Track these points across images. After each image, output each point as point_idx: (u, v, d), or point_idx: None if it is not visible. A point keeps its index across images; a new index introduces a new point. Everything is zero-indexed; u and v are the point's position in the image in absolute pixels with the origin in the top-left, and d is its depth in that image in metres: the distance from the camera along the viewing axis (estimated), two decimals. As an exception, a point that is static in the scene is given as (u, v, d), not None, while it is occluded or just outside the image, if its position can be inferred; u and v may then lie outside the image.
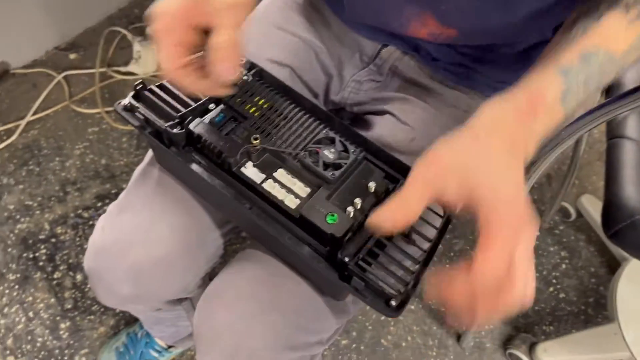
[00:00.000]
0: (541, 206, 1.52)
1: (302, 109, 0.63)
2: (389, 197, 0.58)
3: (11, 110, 1.57)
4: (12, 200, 1.41)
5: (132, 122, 0.61)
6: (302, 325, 0.61)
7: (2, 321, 1.24)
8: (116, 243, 0.66)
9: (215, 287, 0.64)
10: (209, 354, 0.61)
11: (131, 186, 0.69)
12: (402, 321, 1.32)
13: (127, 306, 0.74)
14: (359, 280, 0.52)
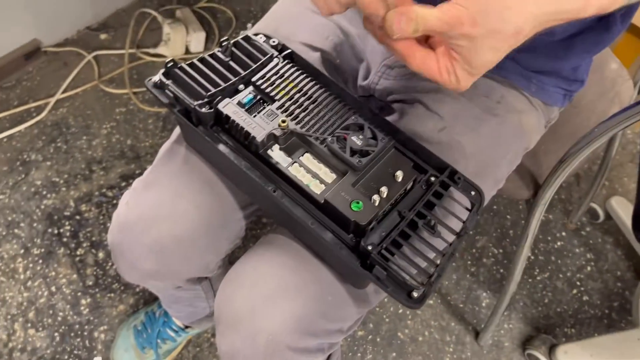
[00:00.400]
0: (568, 206, 1.49)
1: (332, 94, 0.62)
2: (416, 187, 0.57)
3: (41, 88, 1.59)
4: (39, 176, 1.43)
5: (161, 99, 0.60)
6: (323, 312, 0.60)
7: (25, 294, 1.27)
8: (140, 219, 0.66)
9: (237, 270, 0.64)
10: (228, 336, 0.61)
11: (157, 163, 0.69)
12: (420, 315, 1.30)
13: (148, 282, 0.74)
14: (381, 269, 0.51)
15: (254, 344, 0.59)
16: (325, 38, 0.72)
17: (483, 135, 0.66)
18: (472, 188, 0.57)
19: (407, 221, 0.55)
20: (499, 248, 1.41)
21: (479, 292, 1.35)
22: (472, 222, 0.56)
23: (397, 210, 0.56)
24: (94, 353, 1.21)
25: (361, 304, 0.64)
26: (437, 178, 0.58)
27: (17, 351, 1.20)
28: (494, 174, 0.69)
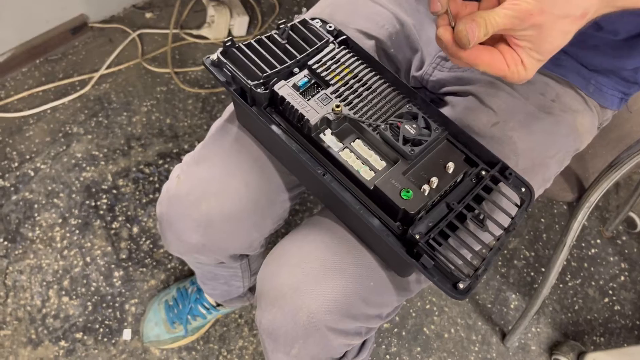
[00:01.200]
0: (605, 214, 1.46)
1: (386, 82, 0.62)
2: (466, 181, 0.57)
3: (86, 62, 1.62)
4: (80, 149, 1.46)
5: (218, 77, 0.61)
6: (364, 296, 0.61)
7: (61, 262, 1.30)
8: (190, 192, 0.67)
9: (282, 248, 0.65)
10: (269, 312, 0.62)
11: (209, 139, 0.70)
12: (447, 312, 1.30)
13: (192, 256, 0.76)
14: (428, 258, 0.51)
15: (294, 321, 0.60)
16: (380, 27, 0.72)
17: (536, 133, 0.65)
18: (522, 184, 0.57)
19: (456, 213, 0.55)
20: (531, 251, 1.40)
21: (508, 294, 1.33)
22: (520, 218, 0.55)
23: (446, 202, 0.56)
24: (124, 325, 1.24)
25: (402, 291, 0.64)
26: (488, 172, 0.57)
27: (50, 317, 1.23)
28: (542, 173, 0.68)
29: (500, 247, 0.54)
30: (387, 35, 0.72)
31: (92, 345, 1.21)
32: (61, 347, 1.20)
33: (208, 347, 1.23)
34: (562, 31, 0.44)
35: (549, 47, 0.44)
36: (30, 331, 1.22)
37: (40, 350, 1.20)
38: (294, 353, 0.62)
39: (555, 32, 0.43)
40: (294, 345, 0.62)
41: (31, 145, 1.46)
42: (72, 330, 1.22)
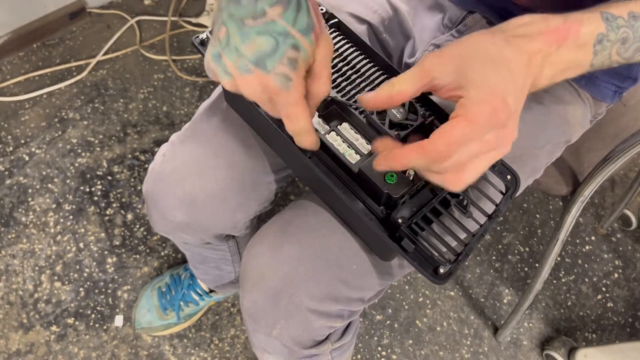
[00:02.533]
0: (601, 211, 1.46)
1: (375, 66, 0.62)
2: None
3: (83, 48, 1.61)
4: (75, 135, 1.46)
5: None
6: (346, 279, 0.61)
7: (54, 248, 1.30)
8: (174, 171, 0.68)
9: (265, 230, 0.65)
10: (251, 293, 0.63)
11: (196, 119, 0.70)
12: (440, 306, 1.30)
13: (177, 235, 0.76)
14: (409, 242, 0.51)
15: (275, 303, 0.61)
16: (373, 11, 0.71)
17: (525, 122, 0.65)
18: (508, 172, 0.56)
19: (440, 199, 0.54)
20: (526, 246, 1.39)
21: (501, 289, 1.33)
22: (504, 205, 0.55)
23: (430, 187, 0.55)
24: (116, 311, 1.24)
25: (385, 275, 0.64)
26: None
27: (42, 302, 1.23)
28: (531, 163, 0.68)
29: (483, 233, 0.53)
30: (379, 20, 0.71)
31: (83, 330, 1.21)
32: (52, 332, 1.20)
33: (200, 335, 1.22)
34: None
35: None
36: (22, 315, 1.22)
37: (31, 334, 1.20)
38: (275, 334, 0.63)
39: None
40: (275, 326, 0.62)
41: (26, 130, 1.45)
42: (64, 315, 1.22)
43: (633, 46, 0.47)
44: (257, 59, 0.42)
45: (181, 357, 1.19)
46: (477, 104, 0.41)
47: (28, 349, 1.18)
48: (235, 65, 0.43)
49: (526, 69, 0.43)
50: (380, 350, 1.24)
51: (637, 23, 0.47)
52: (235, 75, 0.43)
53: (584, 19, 0.46)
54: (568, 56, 0.45)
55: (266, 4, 0.41)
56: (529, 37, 0.44)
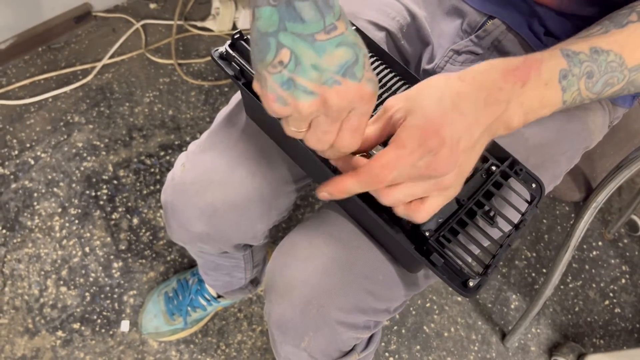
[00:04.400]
0: (607, 216, 1.46)
1: (394, 74, 0.61)
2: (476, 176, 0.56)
3: (89, 52, 1.61)
4: (81, 139, 1.45)
5: (227, 70, 0.60)
6: (373, 290, 0.61)
7: (60, 252, 1.29)
8: (195, 181, 0.67)
9: (291, 240, 0.64)
10: (279, 305, 0.62)
11: (215, 128, 0.69)
12: (447, 311, 1.29)
13: (196, 245, 0.76)
14: (438, 256, 0.51)
15: (304, 314, 0.60)
16: (391, 18, 0.71)
17: (547, 129, 0.65)
18: (532, 180, 0.56)
19: (466, 209, 0.54)
20: (533, 252, 1.39)
21: (508, 294, 1.33)
22: (530, 214, 0.54)
23: (456, 198, 0.55)
24: (122, 316, 1.23)
25: (410, 286, 0.64)
26: (498, 168, 0.56)
27: (47, 307, 1.23)
28: (553, 169, 0.67)
29: (510, 243, 0.53)
30: (397, 27, 0.71)
31: (89, 336, 1.20)
32: (58, 337, 1.19)
33: (206, 340, 1.22)
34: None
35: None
36: (28, 320, 1.21)
37: (37, 340, 1.19)
38: (304, 346, 0.62)
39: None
40: (304, 338, 0.61)
41: (32, 134, 1.45)
42: (70, 320, 1.21)
43: (601, 80, 0.48)
44: (343, 70, 0.40)
45: (188, 363, 1.19)
46: (407, 129, 0.42)
47: (34, 354, 1.17)
48: (319, 81, 0.40)
49: (483, 107, 0.44)
50: (388, 356, 1.23)
51: (600, 57, 0.48)
52: (322, 91, 0.40)
53: (544, 57, 0.47)
54: (536, 94, 0.46)
55: (334, 18, 0.40)
56: (489, 77, 0.45)
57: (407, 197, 0.45)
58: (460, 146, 0.43)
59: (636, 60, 0.49)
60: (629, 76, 0.49)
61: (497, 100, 0.45)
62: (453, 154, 0.43)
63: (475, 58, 0.71)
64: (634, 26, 0.49)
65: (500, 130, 0.47)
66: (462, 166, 0.44)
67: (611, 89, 0.50)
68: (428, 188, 0.44)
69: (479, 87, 0.44)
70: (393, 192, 0.44)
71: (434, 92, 0.44)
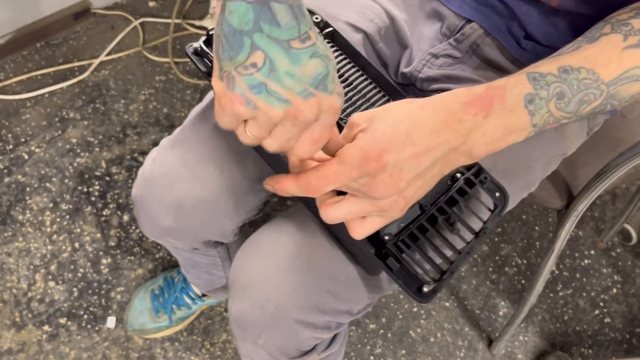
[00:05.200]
0: (601, 225, 1.44)
1: (367, 78, 0.61)
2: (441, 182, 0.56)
3: (87, 48, 1.62)
4: (75, 134, 1.46)
5: (199, 66, 0.60)
6: (333, 291, 0.61)
7: (49, 247, 1.30)
8: (164, 176, 0.68)
9: (255, 238, 0.65)
10: (239, 301, 0.63)
11: (187, 124, 0.70)
12: (435, 316, 1.29)
13: (166, 239, 0.76)
14: (394, 261, 0.50)
15: (262, 312, 0.60)
16: (369, 20, 0.70)
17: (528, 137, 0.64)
18: (497, 189, 0.55)
19: (427, 215, 0.53)
20: (523, 259, 1.38)
21: (497, 301, 1.32)
22: (492, 223, 0.54)
23: (419, 203, 0.55)
24: (109, 312, 1.23)
25: (373, 289, 0.64)
26: (463, 175, 0.56)
27: (35, 301, 1.23)
28: (525, 176, 0.67)
29: (470, 251, 0.53)
30: (375, 29, 0.71)
31: (75, 331, 1.21)
32: (45, 331, 1.20)
33: (192, 339, 1.22)
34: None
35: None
36: (15, 314, 1.22)
37: (23, 333, 1.20)
38: (261, 343, 0.62)
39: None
40: (261, 335, 0.62)
41: (27, 129, 1.46)
42: (57, 315, 1.22)
43: (574, 99, 0.47)
44: (316, 82, 0.40)
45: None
46: (353, 147, 0.42)
47: (20, 348, 1.18)
48: (294, 91, 0.39)
49: (438, 138, 0.43)
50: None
51: (570, 76, 0.47)
52: (296, 102, 0.39)
53: (508, 84, 0.46)
54: (501, 122, 0.45)
55: (307, 27, 0.39)
56: (450, 108, 0.44)
57: (347, 215, 0.45)
58: (402, 174, 0.43)
59: (612, 74, 0.47)
60: (607, 91, 0.47)
61: (455, 131, 0.44)
62: (392, 181, 0.42)
63: (453, 62, 0.71)
64: (606, 39, 0.48)
65: (461, 160, 0.46)
66: (405, 193, 0.44)
67: (589, 106, 0.48)
68: (367, 208, 0.44)
69: (437, 117, 0.44)
70: (333, 210, 0.44)
71: (392, 117, 0.43)
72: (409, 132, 0.43)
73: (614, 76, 0.47)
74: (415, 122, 0.43)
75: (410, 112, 0.44)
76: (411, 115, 0.43)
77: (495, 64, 0.69)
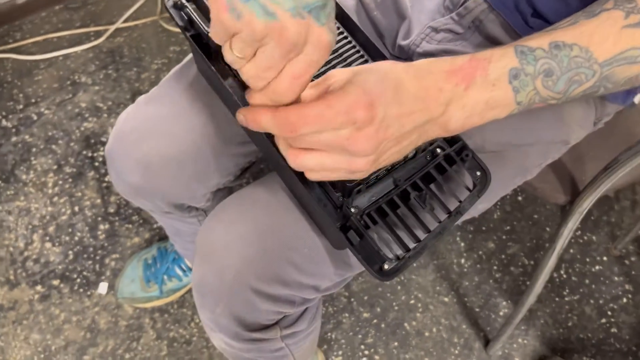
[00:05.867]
0: (617, 231, 1.37)
1: (354, 42, 0.57)
2: (419, 157, 0.52)
3: (104, 14, 1.61)
4: (85, 99, 1.45)
5: (176, 20, 0.57)
6: (297, 262, 0.58)
7: (49, 208, 1.30)
8: (133, 132, 0.66)
9: (222, 205, 0.63)
10: (201, 267, 0.61)
11: (164, 81, 0.68)
12: (432, 311, 1.24)
13: (137, 199, 0.75)
14: (355, 234, 0.47)
15: (221, 278, 0.58)
16: None
17: (508, 117, 0.60)
18: (479, 168, 0.51)
19: (399, 190, 0.50)
20: (531, 259, 1.32)
21: (498, 300, 1.27)
22: (469, 203, 0.50)
23: (393, 178, 0.51)
24: (102, 278, 1.23)
25: (341, 265, 0.60)
26: (444, 150, 0.52)
27: (30, 261, 1.23)
28: (519, 161, 0.62)
29: (441, 231, 0.49)
30: None
31: (67, 294, 1.20)
32: (37, 291, 1.20)
33: (181, 311, 1.21)
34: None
35: None
36: (9, 272, 1.22)
37: (16, 292, 1.20)
38: (218, 311, 0.60)
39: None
40: (219, 303, 0.59)
41: (38, 90, 1.46)
42: (50, 276, 1.22)
43: (563, 78, 0.43)
44: (309, 7, 0.37)
45: (160, 332, 1.18)
46: (341, 92, 0.39)
47: (11, 306, 1.18)
48: (284, 6, 0.36)
49: (420, 104, 0.41)
50: (364, 349, 1.19)
51: (561, 53, 0.43)
52: (282, 16, 0.36)
53: (493, 56, 0.43)
54: (481, 96, 0.42)
55: None
56: (432, 75, 0.42)
57: (316, 167, 0.41)
58: (388, 132, 0.40)
59: (607, 53, 0.43)
60: (600, 71, 0.43)
61: (435, 100, 0.41)
62: (377, 136, 0.39)
63: (454, 37, 0.66)
64: (606, 14, 0.43)
65: (436, 132, 0.43)
66: (379, 155, 0.41)
67: (580, 87, 0.44)
68: (340, 164, 0.41)
69: (420, 83, 0.41)
70: (303, 156, 0.41)
71: (379, 73, 0.41)
72: (396, 90, 0.40)
73: (609, 56, 0.43)
74: (401, 82, 0.41)
75: (395, 71, 0.41)
76: (397, 75, 0.41)
77: (499, 42, 0.64)
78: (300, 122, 0.39)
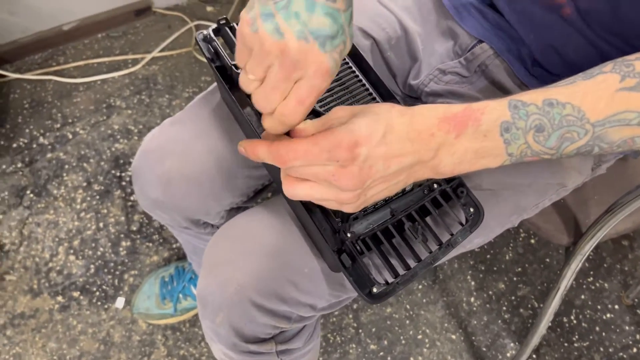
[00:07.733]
0: (630, 280, 1.37)
1: (365, 82, 0.62)
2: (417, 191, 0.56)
3: (142, 43, 1.70)
4: (118, 121, 1.53)
5: (204, 52, 0.63)
6: (296, 281, 0.61)
7: (76, 223, 1.36)
8: (158, 149, 0.72)
9: (231, 222, 0.67)
10: (205, 278, 0.65)
11: (189, 106, 0.75)
12: (439, 347, 1.25)
13: (157, 213, 0.81)
14: (347, 257, 0.51)
15: (222, 290, 0.62)
16: (381, 29, 0.72)
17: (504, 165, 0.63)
18: (473, 205, 0.55)
19: (395, 220, 0.53)
20: (541, 302, 1.33)
21: (506, 341, 1.27)
22: (462, 236, 0.53)
23: (390, 208, 0.55)
24: (120, 293, 1.28)
25: (337, 286, 0.64)
26: (440, 186, 0.55)
27: (54, 272, 1.29)
28: (515, 200, 0.65)
29: (432, 261, 0.52)
30: (385, 37, 0.72)
31: (85, 306, 1.25)
32: (57, 301, 1.25)
33: (193, 330, 1.24)
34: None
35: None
36: (33, 281, 1.28)
37: (38, 300, 1.25)
38: (218, 321, 0.64)
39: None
40: (219, 313, 0.63)
41: (75, 111, 1.54)
42: (71, 288, 1.27)
43: (554, 134, 0.45)
44: (318, 34, 0.41)
45: (171, 349, 1.21)
46: (327, 132, 0.43)
47: (32, 314, 1.24)
48: (293, 29, 0.41)
49: (409, 147, 0.44)
50: (368, 381, 1.21)
51: (553, 110, 0.44)
52: (288, 37, 0.41)
53: (487, 107, 0.45)
54: (472, 145, 0.45)
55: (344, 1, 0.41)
56: (426, 121, 0.45)
57: (306, 197, 0.46)
58: (371, 171, 0.43)
59: (600, 114, 0.44)
60: (593, 131, 0.45)
61: (426, 144, 0.44)
62: (360, 175, 0.43)
63: (460, 80, 0.71)
64: (602, 77, 0.45)
65: (427, 173, 0.47)
66: (366, 192, 0.45)
67: (573, 145, 0.46)
68: (327, 195, 0.45)
69: (413, 127, 0.45)
70: (295, 186, 0.45)
71: (373, 115, 0.44)
72: (385, 132, 0.43)
73: (601, 117, 0.44)
74: (392, 125, 0.44)
75: (390, 115, 0.45)
76: (390, 119, 0.44)
77: (503, 86, 0.68)
78: (290, 155, 0.43)
